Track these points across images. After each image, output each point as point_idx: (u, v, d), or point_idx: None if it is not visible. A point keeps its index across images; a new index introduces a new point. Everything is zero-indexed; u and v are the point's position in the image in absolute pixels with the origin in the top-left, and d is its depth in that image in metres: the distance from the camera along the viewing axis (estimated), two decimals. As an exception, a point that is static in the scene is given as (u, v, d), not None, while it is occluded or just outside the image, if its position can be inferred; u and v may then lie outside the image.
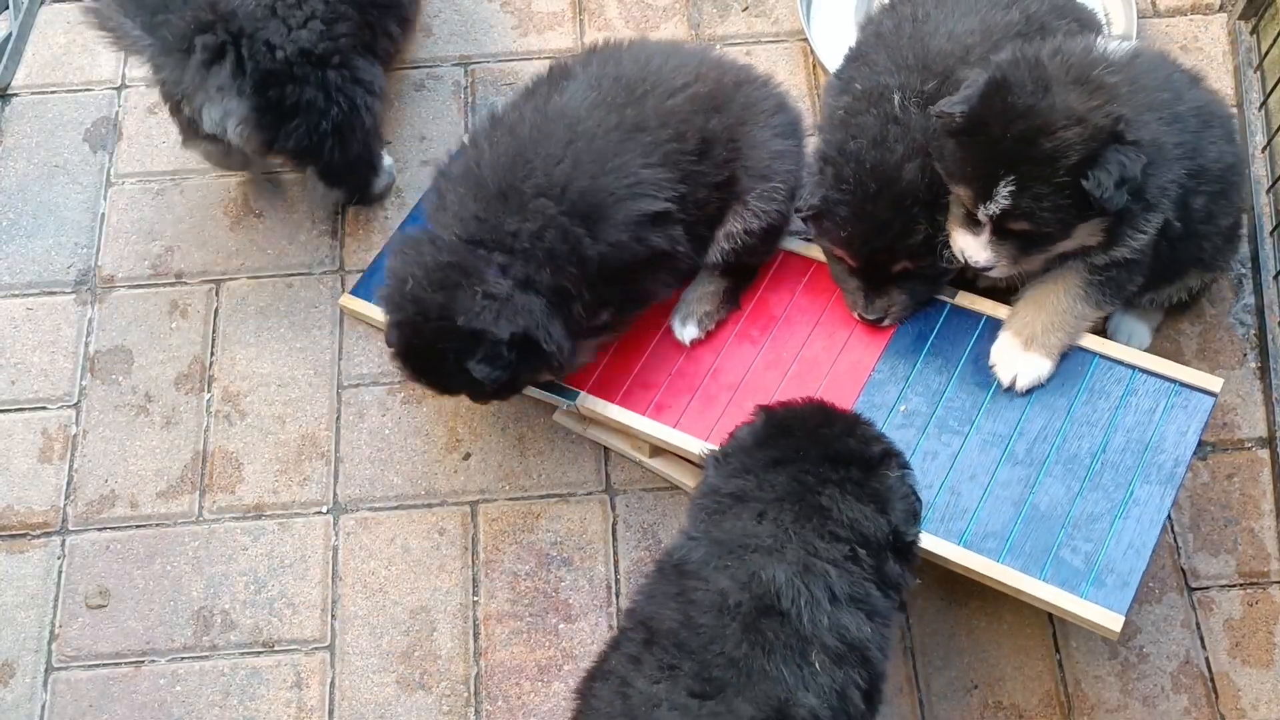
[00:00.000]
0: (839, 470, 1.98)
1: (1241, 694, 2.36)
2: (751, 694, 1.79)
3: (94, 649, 2.43)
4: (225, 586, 2.49)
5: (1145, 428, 2.28)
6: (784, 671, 1.81)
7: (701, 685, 1.80)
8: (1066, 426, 2.30)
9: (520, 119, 2.34)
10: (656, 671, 1.83)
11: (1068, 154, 2.09)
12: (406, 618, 2.46)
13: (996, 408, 2.34)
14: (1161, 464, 2.25)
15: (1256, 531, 2.49)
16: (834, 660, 1.85)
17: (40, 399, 2.69)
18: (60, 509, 2.57)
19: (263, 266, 2.83)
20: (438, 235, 2.28)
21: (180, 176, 2.94)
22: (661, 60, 2.42)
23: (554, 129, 2.29)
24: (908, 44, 2.39)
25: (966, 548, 2.20)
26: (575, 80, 2.37)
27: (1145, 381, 2.33)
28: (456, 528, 2.54)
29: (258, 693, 2.39)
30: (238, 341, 2.74)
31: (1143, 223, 2.21)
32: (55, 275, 2.83)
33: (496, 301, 2.20)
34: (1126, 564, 2.15)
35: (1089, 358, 2.37)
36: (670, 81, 2.37)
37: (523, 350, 2.23)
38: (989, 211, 2.17)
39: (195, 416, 2.66)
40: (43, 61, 3.11)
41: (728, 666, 1.81)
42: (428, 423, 2.64)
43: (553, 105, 2.33)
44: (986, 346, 2.39)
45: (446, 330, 2.22)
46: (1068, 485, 2.24)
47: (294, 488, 2.58)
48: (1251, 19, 2.97)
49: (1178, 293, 2.57)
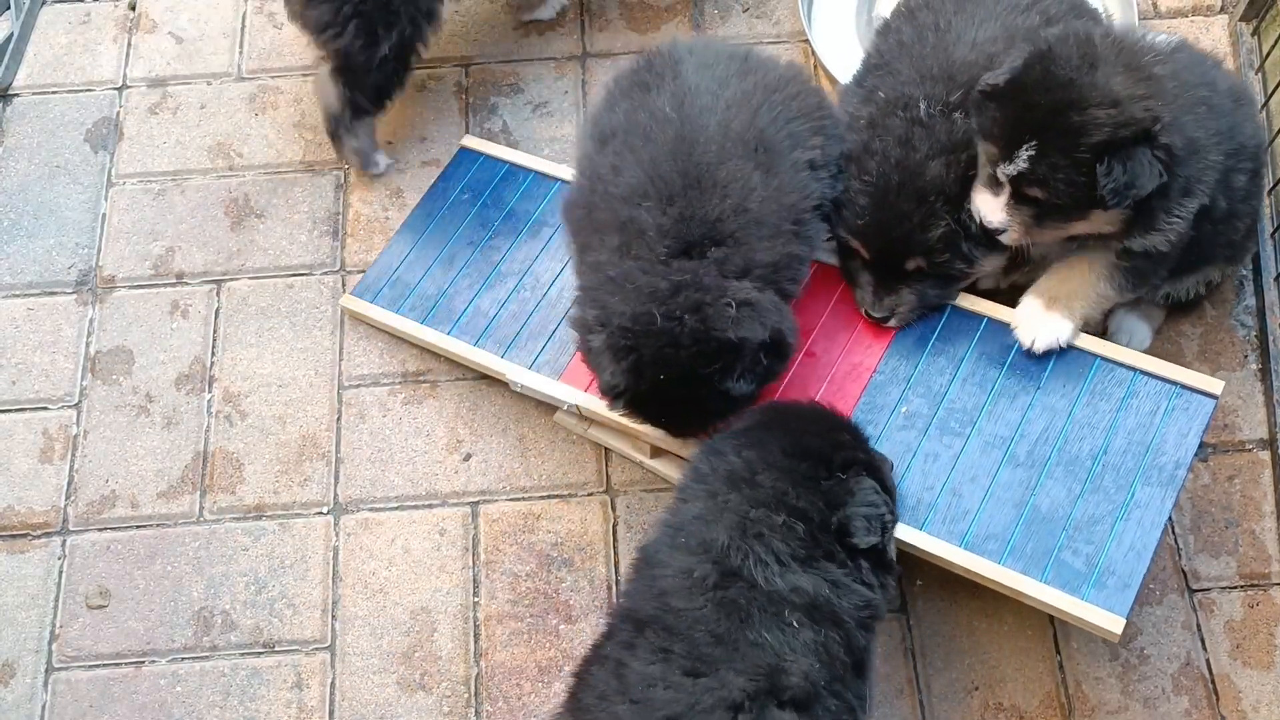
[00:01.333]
0: (793, 462, 2.00)
1: (1243, 696, 2.35)
2: (742, 665, 1.82)
3: (94, 649, 2.43)
4: (226, 587, 2.49)
5: (1146, 430, 2.27)
6: (767, 637, 1.84)
7: (694, 664, 1.83)
8: (1068, 428, 2.30)
9: (655, 115, 2.23)
10: (650, 655, 1.85)
11: (1093, 132, 2.08)
12: (407, 618, 2.46)
13: (998, 410, 2.34)
14: (1162, 466, 2.24)
15: (1257, 533, 2.49)
16: (808, 619, 1.87)
17: (41, 399, 2.69)
18: (61, 509, 2.57)
19: (264, 267, 2.83)
20: (638, 262, 2.12)
21: (181, 177, 2.94)
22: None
23: (702, 112, 2.20)
24: (931, 54, 2.37)
25: (968, 549, 2.19)
26: (684, 64, 2.30)
27: (1146, 384, 2.32)
28: (457, 528, 2.54)
29: (258, 693, 2.39)
30: (238, 342, 2.74)
31: (1176, 209, 2.20)
32: (56, 275, 2.83)
33: (748, 306, 2.08)
34: (1127, 566, 2.14)
35: (1090, 359, 2.36)
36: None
37: (770, 353, 2.14)
38: (1008, 172, 2.17)
39: (196, 417, 2.66)
40: (44, 62, 3.11)
41: (715, 643, 1.84)
42: (428, 423, 2.64)
43: (681, 90, 2.25)
44: (988, 348, 2.39)
45: (704, 353, 2.07)
46: (1069, 487, 2.23)
47: (294, 488, 2.58)
48: (1253, 20, 2.97)
49: (1196, 286, 2.58)
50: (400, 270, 2.74)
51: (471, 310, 2.64)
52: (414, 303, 2.68)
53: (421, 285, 2.70)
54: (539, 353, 2.55)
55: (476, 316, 2.63)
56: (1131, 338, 2.62)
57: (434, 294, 2.69)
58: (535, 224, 2.73)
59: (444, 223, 2.79)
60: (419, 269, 2.73)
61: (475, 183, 2.83)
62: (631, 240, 2.15)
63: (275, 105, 3.03)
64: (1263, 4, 2.92)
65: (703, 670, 1.82)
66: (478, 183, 2.83)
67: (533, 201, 2.77)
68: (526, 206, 2.76)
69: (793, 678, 1.82)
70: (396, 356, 2.71)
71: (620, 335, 2.09)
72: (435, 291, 2.69)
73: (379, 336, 2.73)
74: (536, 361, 2.54)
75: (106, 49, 3.12)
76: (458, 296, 2.67)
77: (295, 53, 3.09)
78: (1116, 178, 2.08)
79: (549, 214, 2.73)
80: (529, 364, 2.54)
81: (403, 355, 2.71)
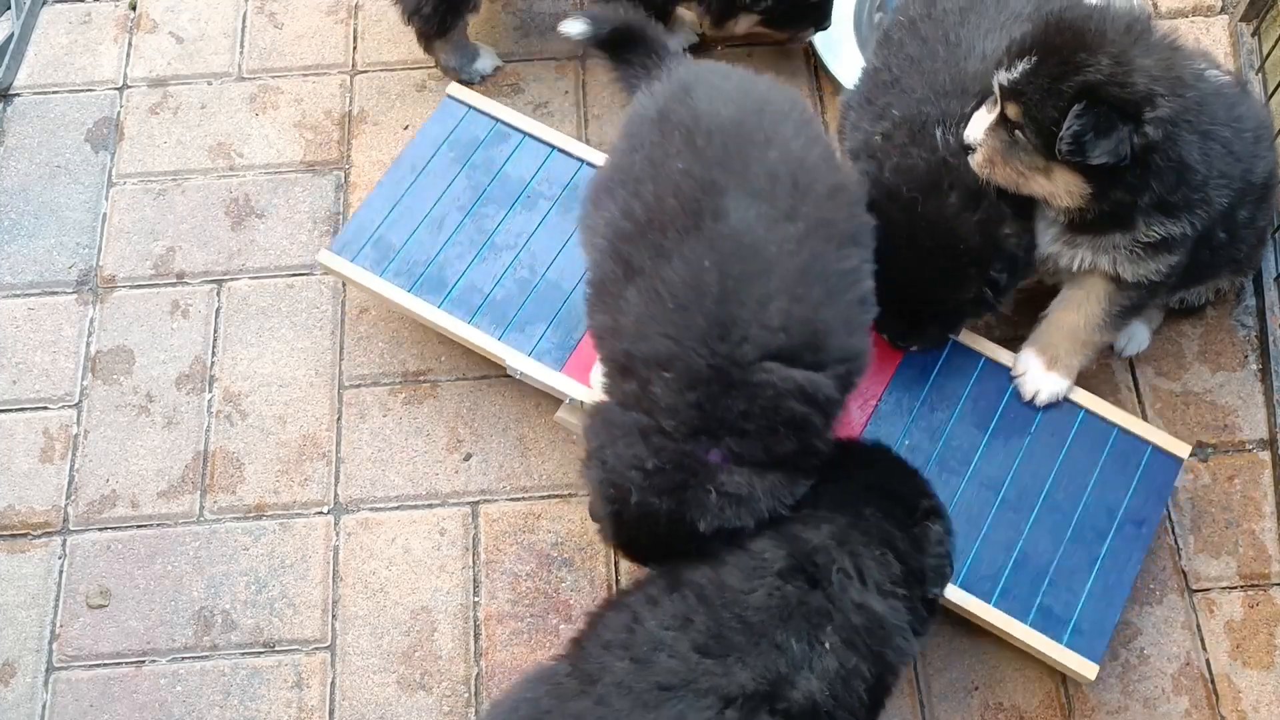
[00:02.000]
0: (889, 503, 2.01)
1: (1242, 696, 2.35)
2: (754, 662, 1.80)
3: (95, 649, 2.43)
4: (226, 586, 2.49)
5: (1120, 487, 2.38)
6: (793, 644, 1.82)
7: (709, 642, 1.81)
8: (1053, 478, 2.39)
9: (690, 268, 1.96)
10: (670, 619, 1.84)
11: (1088, 73, 2.06)
12: (407, 618, 2.46)
13: (992, 450, 2.42)
14: (1133, 522, 2.35)
15: (1257, 533, 2.49)
16: (846, 643, 1.85)
17: (41, 399, 2.69)
18: (61, 509, 2.57)
19: (264, 267, 2.83)
20: (647, 418, 1.99)
21: (182, 177, 2.94)
22: (790, 128, 2.11)
23: (743, 263, 1.95)
24: (943, 68, 2.35)
25: (964, 589, 2.28)
26: (729, 194, 1.99)
27: (1125, 440, 2.43)
28: (457, 528, 2.54)
29: (258, 693, 2.39)
30: (239, 342, 2.74)
31: (1152, 222, 2.18)
32: (57, 275, 2.83)
33: (733, 501, 1.96)
34: (1100, 616, 2.28)
35: (1076, 411, 2.45)
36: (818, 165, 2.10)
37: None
38: (1002, 79, 2.16)
39: (196, 417, 2.66)
40: (44, 62, 3.11)
41: (741, 630, 1.82)
42: (429, 423, 2.64)
43: (722, 234, 1.97)
44: (986, 386, 2.47)
45: (679, 533, 1.97)
46: (1053, 534, 2.34)
47: (295, 488, 2.58)
48: (1253, 21, 2.97)
49: (1207, 292, 2.59)
50: (383, 229, 2.62)
51: (464, 284, 2.57)
52: (400, 268, 2.58)
53: (408, 249, 2.60)
54: (539, 339, 2.51)
55: (470, 291, 2.56)
56: (1131, 339, 2.62)
57: (422, 260, 2.59)
58: (530, 194, 2.66)
59: (429, 179, 2.68)
60: (403, 229, 2.62)
61: (462, 139, 2.73)
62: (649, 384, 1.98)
63: (276, 105, 3.03)
64: (1263, 4, 2.92)
65: (714, 651, 1.80)
66: (465, 139, 2.73)
67: (525, 167, 2.69)
68: (519, 172, 2.69)
69: (796, 692, 1.80)
70: (397, 357, 2.71)
71: (609, 485, 2.01)
72: (423, 258, 2.59)
73: (380, 336, 2.73)
74: (536, 348, 2.50)
75: (107, 49, 3.12)
76: (448, 266, 2.58)
77: (296, 53, 3.10)
78: (1078, 127, 2.05)
79: (543, 184, 2.67)
80: (529, 350, 2.50)
81: (403, 355, 2.71)
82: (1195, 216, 2.18)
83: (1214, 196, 2.18)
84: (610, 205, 2.12)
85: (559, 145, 2.72)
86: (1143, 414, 2.60)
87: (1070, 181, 2.16)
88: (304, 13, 3.16)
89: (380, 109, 3.02)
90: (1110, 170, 2.09)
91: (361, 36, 3.12)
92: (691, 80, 2.19)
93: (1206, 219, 2.20)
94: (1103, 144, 2.05)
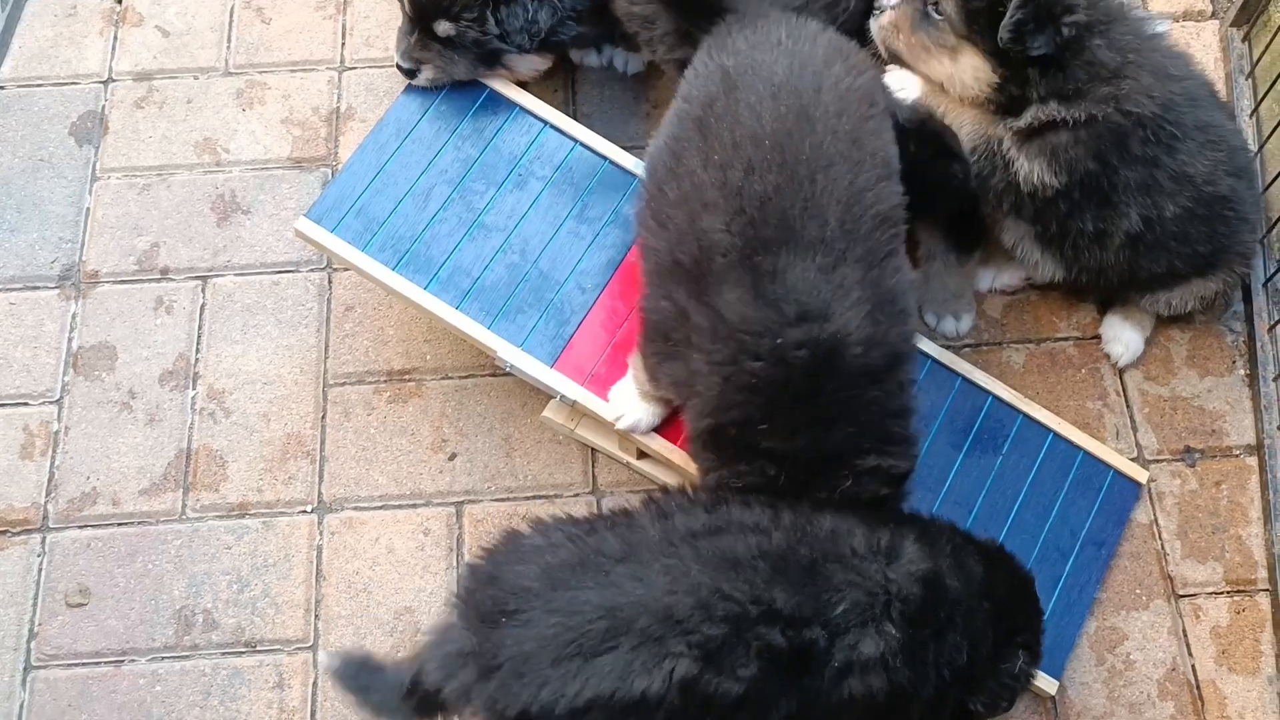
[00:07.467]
0: (1001, 608, 1.99)
1: (1228, 701, 2.35)
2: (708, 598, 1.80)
3: (74, 648, 2.41)
4: (207, 586, 2.47)
5: (1083, 510, 2.45)
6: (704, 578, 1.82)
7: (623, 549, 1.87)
8: (1022, 498, 2.43)
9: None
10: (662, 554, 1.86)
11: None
12: (391, 618, 2.44)
13: (966, 468, 2.45)
14: (1094, 543, 2.41)
15: (1244, 539, 2.49)
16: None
17: (22, 395, 2.66)
18: (41, 506, 2.54)
19: (249, 263, 2.81)
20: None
21: (167, 172, 2.92)
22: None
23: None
24: None
25: None
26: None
27: (1088, 464, 2.49)
28: (442, 528, 2.52)
29: (239, 693, 2.37)
30: (223, 339, 2.72)
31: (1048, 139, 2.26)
32: (39, 270, 2.80)
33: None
34: (1060, 633, 2.31)
35: (1044, 434, 2.50)
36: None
37: None
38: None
39: (179, 414, 2.64)
40: (29, 54, 3.08)
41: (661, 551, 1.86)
42: (414, 422, 2.62)
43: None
44: (962, 404, 2.51)
45: None
46: (1021, 554, 2.25)
47: (278, 486, 2.56)
48: (1244, 26, 2.97)
49: (1192, 300, 2.56)
50: (365, 198, 2.52)
51: (451, 265, 2.47)
52: (383, 242, 2.47)
53: (392, 222, 2.49)
54: (530, 331, 2.43)
55: (458, 273, 2.46)
56: (1127, 346, 2.62)
57: (407, 236, 2.49)
58: (521, 172, 2.59)
59: (415, 145, 2.59)
60: (387, 201, 2.51)
61: (450, 105, 2.65)
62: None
63: (263, 100, 3.01)
64: (1254, 10, 2.92)
65: (626, 555, 1.85)
66: (453, 105, 2.65)
67: (517, 142, 2.62)
68: (510, 146, 2.61)
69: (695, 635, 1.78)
70: (382, 355, 2.69)
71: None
72: (409, 233, 2.49)
73: (365, 334, 2.71)
74: (527, 341, 2.43)
75: (93, 42, 3.09)
76: (435, 244, 2.49)
77: (284, 48, 3.07)
78: (1021, 15, 2.13)
79: (535, 162, 2.60)
80: (520, 341, 2.42)
81: (388, 354, 2.69)
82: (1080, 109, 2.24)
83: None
84: None
85: (551, 121, 2.65)
86: (1131, 419, 2.61)
87: (979, 67, 2.23)
88: (292, 8, 3.13)
89: (369, 105, 3.00)
90: (1024, 61, 2.19)
91: (350, 32, 3.10)
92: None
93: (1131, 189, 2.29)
94: (1041, 37, 2.14)
